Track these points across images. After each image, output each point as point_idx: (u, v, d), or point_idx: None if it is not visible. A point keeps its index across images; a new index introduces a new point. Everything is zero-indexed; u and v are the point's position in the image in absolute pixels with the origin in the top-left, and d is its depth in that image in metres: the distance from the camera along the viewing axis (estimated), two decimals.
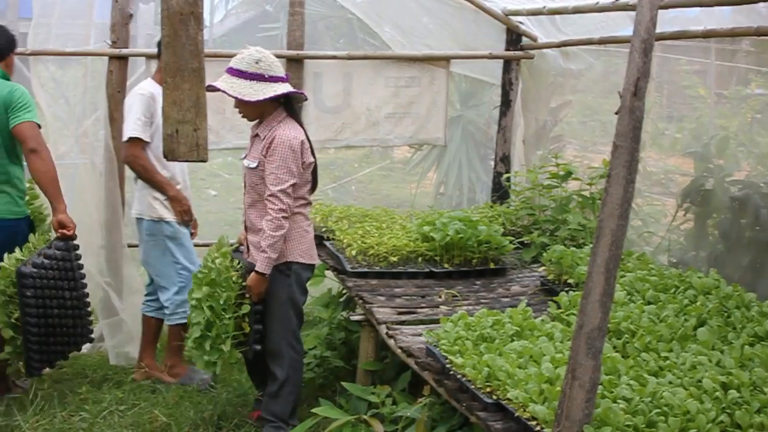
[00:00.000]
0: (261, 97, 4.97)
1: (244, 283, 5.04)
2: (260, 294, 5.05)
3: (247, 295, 5.05)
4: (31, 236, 5.70)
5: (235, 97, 5.01)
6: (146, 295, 6.43)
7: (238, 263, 5.14)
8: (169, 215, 6.09)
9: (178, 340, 6.19)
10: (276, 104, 5.13)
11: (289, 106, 5.17)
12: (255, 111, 5.13)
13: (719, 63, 6.40)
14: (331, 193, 13.15)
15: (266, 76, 5.02)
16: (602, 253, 2.96)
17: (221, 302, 4.97)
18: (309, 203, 5.27)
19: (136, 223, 6.24)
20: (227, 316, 5.01)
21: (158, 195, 6.07)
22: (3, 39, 5.76)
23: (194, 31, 3.11)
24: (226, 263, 5.09)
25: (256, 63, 5.02)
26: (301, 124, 5.18)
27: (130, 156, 6.03)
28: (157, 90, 5.76)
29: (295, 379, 5.25)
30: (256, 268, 4.98)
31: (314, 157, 5.19)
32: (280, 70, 5.07)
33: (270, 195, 4.96)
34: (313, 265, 5.30)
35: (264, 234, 4.95)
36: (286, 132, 5.04)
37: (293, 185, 5.00)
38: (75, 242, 5.78)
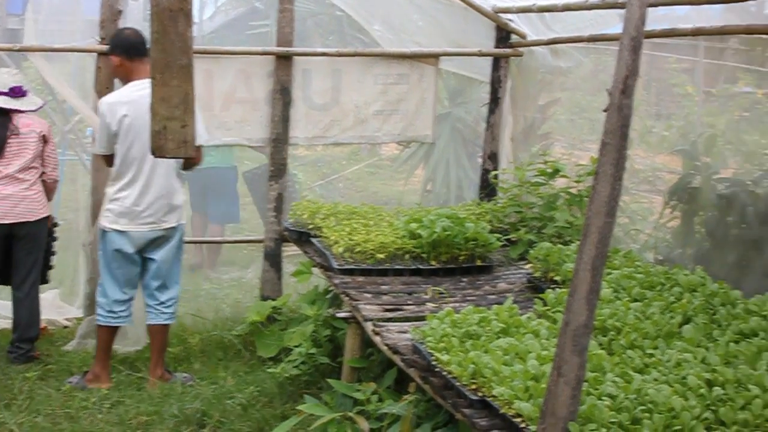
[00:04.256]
0: None
1: None
2: None
3: None
4: None
5: None
6: (121, 302, 6.10)
7: None
8: None
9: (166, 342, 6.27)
10: None
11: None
12: None
13: (707, 61, 6.43)
14: (318, 190, 13.16)
15: None
16: (589, 251, 2.96)
17: None
18: None
19: (169, 234, 6.02)
20: None
21: None
22: None
23: (183, 27, 3.08)
24: None
25: None
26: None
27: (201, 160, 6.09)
28: None
29: None
30: None
31: None
32: None
33: None
34: None
35: None
36: None
37: None
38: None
